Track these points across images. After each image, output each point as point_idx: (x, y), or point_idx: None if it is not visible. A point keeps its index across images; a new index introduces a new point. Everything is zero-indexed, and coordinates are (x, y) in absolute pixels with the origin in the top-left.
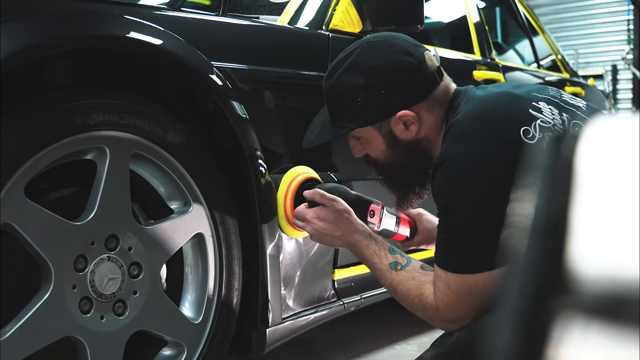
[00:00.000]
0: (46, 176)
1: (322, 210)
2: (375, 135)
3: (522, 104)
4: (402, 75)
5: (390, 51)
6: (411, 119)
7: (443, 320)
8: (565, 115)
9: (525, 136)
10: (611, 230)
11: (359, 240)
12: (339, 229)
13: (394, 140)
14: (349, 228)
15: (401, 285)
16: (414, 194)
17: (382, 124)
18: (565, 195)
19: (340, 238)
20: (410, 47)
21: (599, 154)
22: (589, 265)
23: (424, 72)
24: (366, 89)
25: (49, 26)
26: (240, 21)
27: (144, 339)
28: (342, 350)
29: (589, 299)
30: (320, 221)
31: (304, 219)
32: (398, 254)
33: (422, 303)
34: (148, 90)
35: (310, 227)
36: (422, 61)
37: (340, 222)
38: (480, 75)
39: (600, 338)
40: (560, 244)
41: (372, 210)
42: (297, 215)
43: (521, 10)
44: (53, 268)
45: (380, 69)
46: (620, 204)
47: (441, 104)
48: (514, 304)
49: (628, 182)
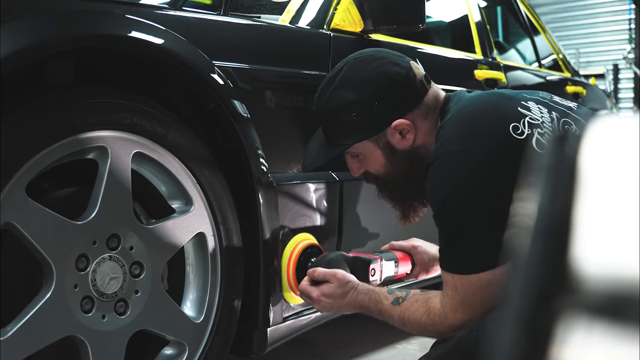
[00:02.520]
0: (48, 176)
1: (327, 288)
2: (373, 149)
3: (511, 103)
4: (392, 85)
5: (378, 64)
6: (407, 127)
7: (451, 325)
8: (554, 114)
9: (514, 132)
10: (614, 230)
11: (363, 299)
12: (345, 299)
13: (392, 151)
14: (353, 295)
15: (407, 313)
16: (418, 202)
17: (379, 136)
18: (569, 195)
19: (346, 306)
20: (395, 58)
21: (602, 153)
22: (592, 265)
23: (413, 80)
24: (359, 103)
25: (50, 25)
26: (242, 20)
27: (146, 338)
28: (343, 350)
29: (592, 298)
30: (327, 298)
31: (309, 297)
32: (396, 291)
33: (431, 317)
34: (150, 89)
35: (318, 305)
36: (409, 70)
37: (346, 295)
38: (481, 75)
39: (604, 338)
40: (563, 243)
41: (373, 270)
42: (302, 293)
43: (522, 9)
44: (55, 267)
45: (371, 82)
46: (623, 203)
47: (433, 110)
48: (517, 304)
49: (631, 182)
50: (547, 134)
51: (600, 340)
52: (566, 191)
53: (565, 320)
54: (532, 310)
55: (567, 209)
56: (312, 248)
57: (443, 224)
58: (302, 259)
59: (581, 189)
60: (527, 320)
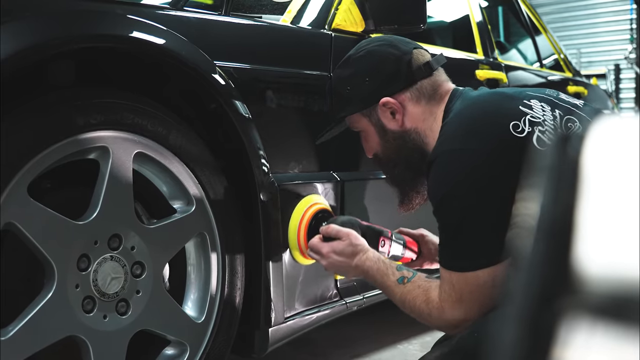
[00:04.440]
0: (49, 176)
1: (338, 245)
2: (368, 126)
3: (513, 102)
4: (383, 64)
5: (377, 45)
6: (394, 106)
7: (448, 321)
8: (557, 112)
9: (514, 130)
10: (617, 230)
11: (371, 267)
12: (354, 261)
13: (383, 130)
14: (362, 258)
15: (409, 296)
16: (412, 190)
17: (371, 112)
18: (571, 195)
19: (354, 269)
20: (398, 42)
21: (605, 153)
22: (594, 266)
23: (407, 63)
24: (353, 77)
25: (51, 25)
26: (243, 21)
27: (147, 338)
28: (344, 350)
29: (594, 299)
30: (337, 255)
31: (319, 252)
32: (404, 270)
33: (429, 307)
34: (151, 90)
35: (326, 262)
36: (406, 53)
37: (355, 255)
38: (482, 75)
39: (606, 338)
40: (565, 244)
41: (383, 240)
42: (312, 248)
43: (524, 9)
44: (56, 267)
45: (364, 59)
46: (625, 203)
47: (428, 97)
48: (519, 304)
49: (633, 182)
50: (549, 131)
51: (602, 341)
52: (568, 191)
53: (568, 321)
54: (534, 311)
55: (570, 209)
56: (323, 213)
57: (442, 221)
58: (313, 223)
59: (583, 189)
60: (529, 321)
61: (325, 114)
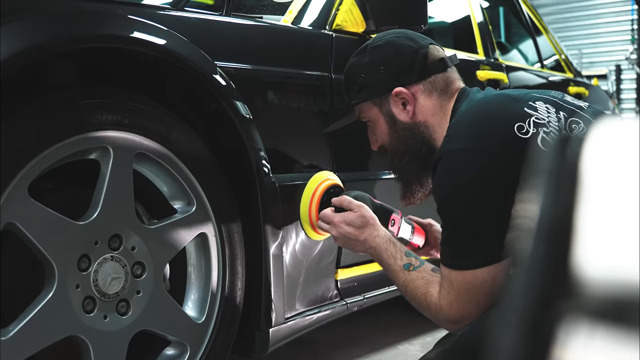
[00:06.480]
0: (50, 176)
1: (349, 215)
2: (378, 115)
3: (518, 103)
4: (399, 54)
5: (394, 36)
6: (407, 97)
7: (446, 319)
8: (562, 114)
9: (519, 132)
10: (616, 233)
11: (380, 244)
12: (364, 234)
13: (393, 120)
14: (372, 233)
15: (411, 284)
16: (417, 183)
17: (382, 102)
18: (571, 198)
19: (363, 243)
20: (415, 36)
21: (604, 156)
22: (594, 268)
23: (423, 56)
24: (368, 65)
25: (52, 26)
26: (244, 21)
27: (147, 338)
28: (345, 350)
29: (594, 302)
30: (347, 225)
31: (330, 222)
32: (413, 257)
33: (427, 301)
34: (152, 90)
35: (336, 231)
36: (422, 47)
37: (366, 228)
38: (483, 75)
39: (606, 341)
40: (565, 246)
41: (393, 219)
42: (323, 218)
43: (525, 10)
44: (56, 267)
45: (381, 48)
46: (625, 206)
47: (440, 93)
48: (518, 306)
49: (633, 185)
50: (553, 132)
51: (601, 344)
52: (568, 194)
53: (567, 324)
54: (533, 314)
55: (569, 211)
56: (335, 188)
57: (445, 219)
58: (325, 198)
59: (583, 192)
60: (528, 324)
61: (328, 114)
